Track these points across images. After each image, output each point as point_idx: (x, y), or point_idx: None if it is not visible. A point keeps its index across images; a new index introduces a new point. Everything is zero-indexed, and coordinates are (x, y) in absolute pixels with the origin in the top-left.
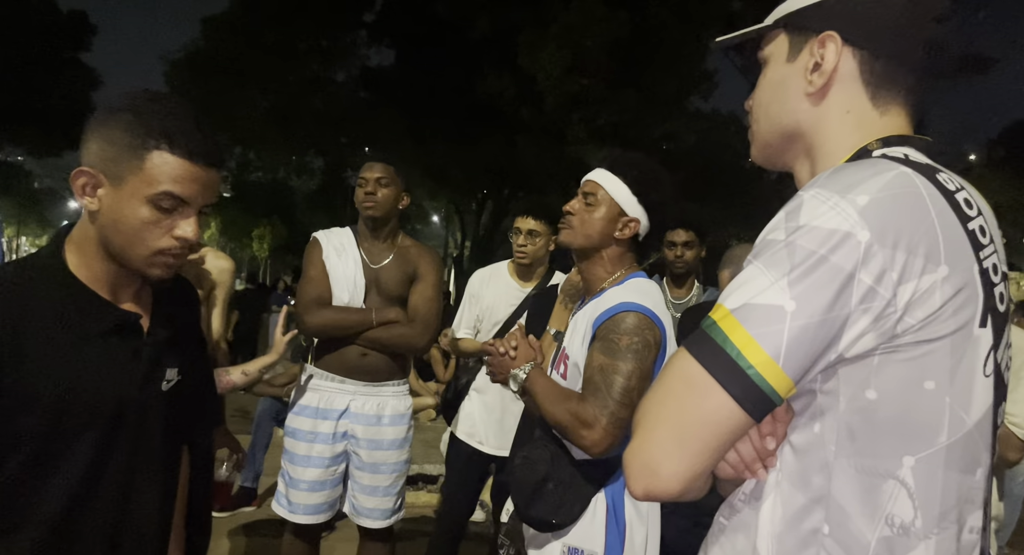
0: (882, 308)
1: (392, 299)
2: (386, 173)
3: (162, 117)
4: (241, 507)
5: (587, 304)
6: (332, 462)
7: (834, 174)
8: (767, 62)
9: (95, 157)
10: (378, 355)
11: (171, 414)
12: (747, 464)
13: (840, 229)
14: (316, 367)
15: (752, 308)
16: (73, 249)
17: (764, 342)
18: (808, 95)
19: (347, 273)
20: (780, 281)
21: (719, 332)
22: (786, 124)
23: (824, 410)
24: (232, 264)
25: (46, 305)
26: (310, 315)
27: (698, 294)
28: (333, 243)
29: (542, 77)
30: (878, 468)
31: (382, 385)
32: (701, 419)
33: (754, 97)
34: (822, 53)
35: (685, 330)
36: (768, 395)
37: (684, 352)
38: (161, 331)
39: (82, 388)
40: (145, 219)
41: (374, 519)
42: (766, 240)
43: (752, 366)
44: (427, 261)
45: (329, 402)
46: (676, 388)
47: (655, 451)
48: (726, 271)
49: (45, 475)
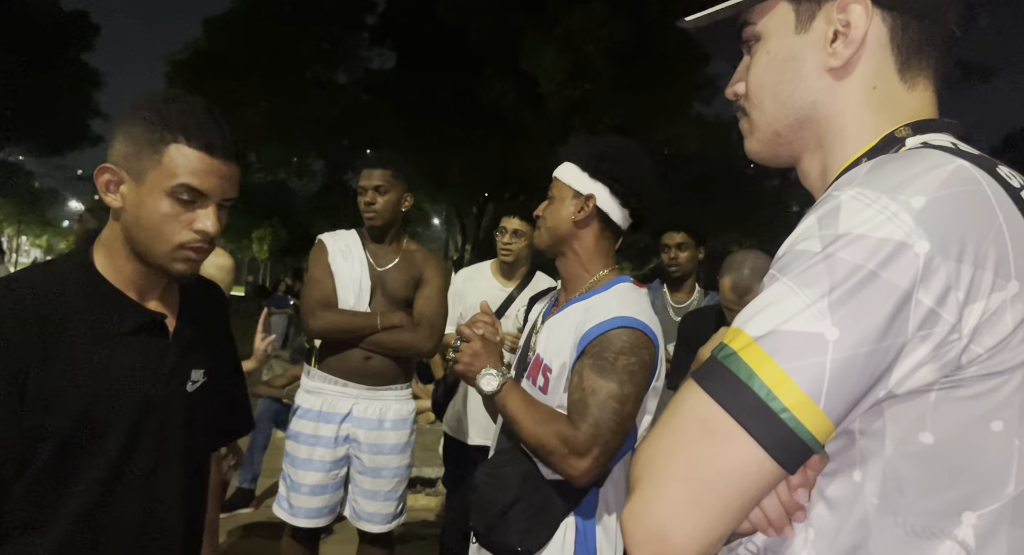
0: (945, 334)
1: (397, 302)
2: (384, 180)
3: (179, 112)
4: (239, 508)
5: (567, 308)
6: (334, 466)
7: (877, 169)
8: (764, 38)
9: (118, 154)
10: (382, 359)
11: (196, 415)
12: (772, 521)
13: (892, 238)
14: (319, 370)
15: (783, 336)
16: (101, 250)
17: (800, 378)
18: (830, 70)
19: (353, 275)
20: (818, 303)
21: (742, 365)
22: (801, 105)
23: (866, 456)
24: (232, 262)
25: (74, 305)
26: (314, 318)
27: (699, 298)
28: (339, 245)
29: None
30: (933, 527)
31: (385, 389)
32: (722, 473)
33: (750, 81)
34: (844, 19)
35: (686, 335)
36: (806, 442)
37: (697, 390)
38: (187, 332)
39: (108, 387)
40: (165, 213)
41: (375, 523)
42: (795, 251)
43: (787, 408)
44: (433, 266)
45: (332, 406)
46: (689, 434)
47: (664, 513)
48: (727, 278)
49: (71, 473)
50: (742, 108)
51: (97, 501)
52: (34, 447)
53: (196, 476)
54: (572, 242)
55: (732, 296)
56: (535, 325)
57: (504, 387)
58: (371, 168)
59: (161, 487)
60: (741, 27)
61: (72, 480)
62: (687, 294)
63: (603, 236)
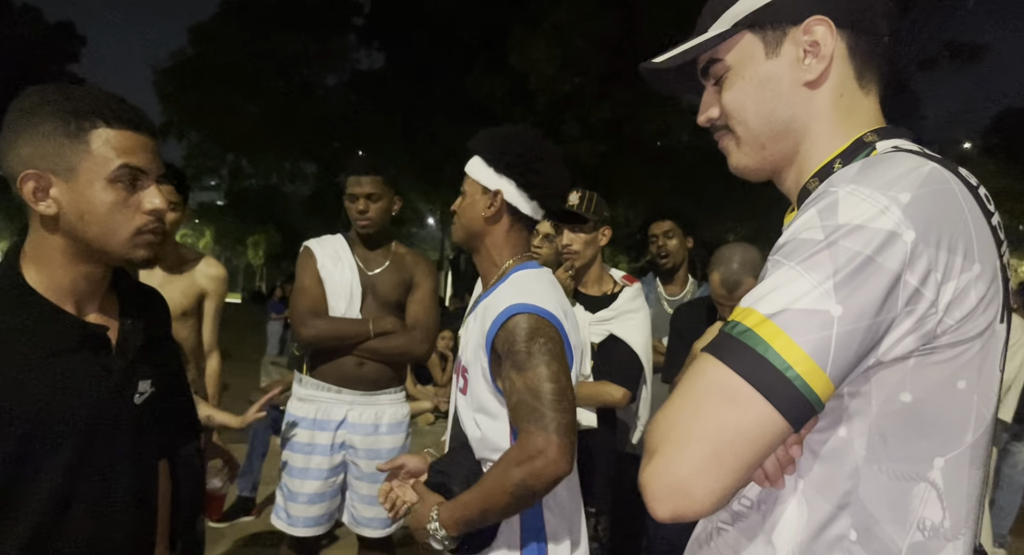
0: (925, 309)
1: (388, 306)
2: (375, 187)
3: (84, 98)
4: (240, 517)
5: (478, 305)
6: (331, 473)
7: (867, 169)
8: (735, 67)
9: (32, 158)
10: (375, 364)
11: (146, 427)
12: (768, 474)
13: (886, 228)
14: (311, 377)
15: (794, 314)
16: (30, 263)
17: (810, 349)
18: (806, 83)
19: (344, 281)
20: (824, 284)
21: (757, 339)
22: (783, 118)
23: (852, 414)
24: (224, 272)
25: (7, 325)
26: (305, 326)
27: (692, 290)
28: (327, 252)
29: (534, 76)
30: (909, 472)
31: (379, 394)
32: (742, 433)
33: (728, 104)
34: (809, 39)
35: (679, 327)
36: (812, 404)
37: (715, 362)
38: (130, 343)
39: (52, 406)
40: (111, 201)
41: (374, 528)
42: (798, 239)
43: (799, 375)
44: (423, 269)
45: (326, 413)
46: (711, 401)
47: (686, 470)
48: (716, 274)
49: (19, 495)
50: (725, 127)
51: (47, 523)
52: None
53: (147, 489)
54: (484, 238)
55: (722, 291)
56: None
57: (442, 518)
58: (361, 175)
59: (112, 504)
60: (707, 65)
61: (19, 505)
62: (680, 286)
63: (513, 229)
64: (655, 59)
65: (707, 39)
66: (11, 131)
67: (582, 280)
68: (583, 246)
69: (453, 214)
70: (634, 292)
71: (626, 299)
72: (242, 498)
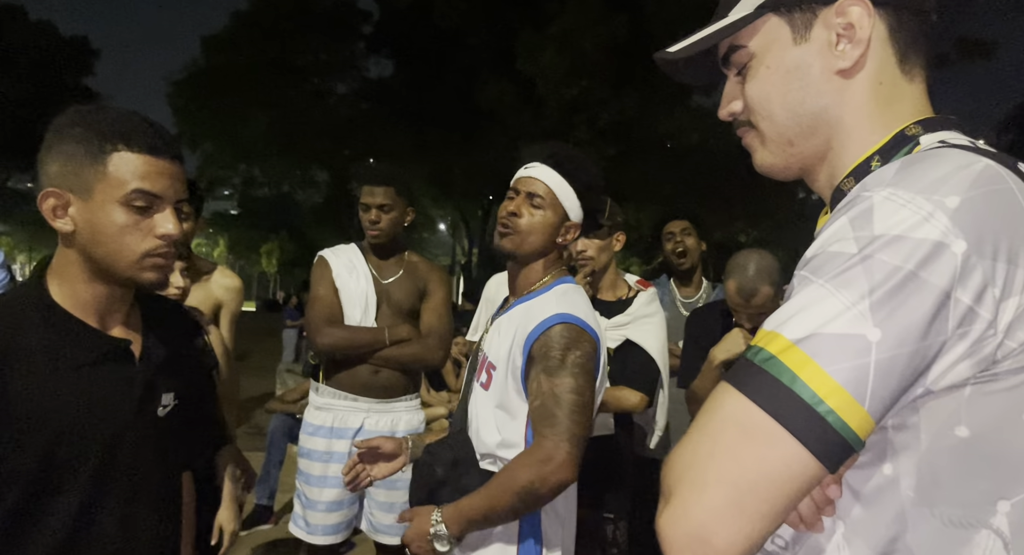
0: (982, 331)
1: (403, 314)
2: (388, 197)
3: (111, 121)
4: (258, 525)
5: (513, 308)
6: None
7: (906, 169)
8: (759, 55)
9: (56, 176)
10: (391, 371)
11: (169, 439)
12: (803, 517)
13: (930, 238)
14: (328, 386)
15: (824, 339)
16: (55, 278)
17: (844, 380)
18: (839, 71)
19: (359, 290)
20: (859, 304)
21: (783, 369)
22: (812, 110)
23: (899, 450)
24: (240, 283)
25: (32, 339)
26: (322, 335)
27: (707, 292)
28: (342, 261)
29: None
30: (968, 517)
31: (396, 401)
32: (766, 476)
33: (752, 96)
34: (843, 22)
35: (694, 332)
36: (850, 442)
37: (734, 393)
38: (154, 355)
39: (75, 421)
40: (123, 223)
41: (392, 535)
42: (828, 253)
43: (832, 410)
44: (437, 277)
45: (343, 421)
46: (730, 439)
47: (706, 517)
48: (732, 281)
49: (44, 508)
50: (747, 123)
51: (71, 536)
52: (6, 485)
53: (170, 500)
54: (543, 255)
55: (738, 299)
56: (487, 327)
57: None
58: (373, 185)
59: (136, 516)
60: (728, 52)
61: (45, 517)
62: (695, 289)
63: (562, 253)
64: (671, 48)
65: (728, 24)
66: (44, 148)
67: (597, 286)
68: (598, 252)
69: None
70: (649, 296)
71: (641, 304)
72: (260, 506)
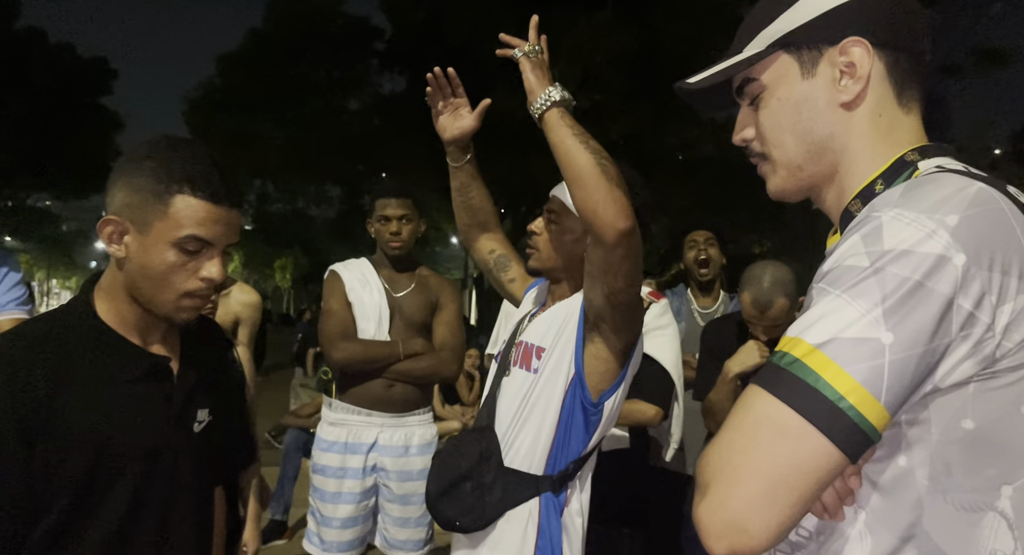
0: (982, 334)
1: (415, 327)
2: (407, 209)
3: (183, 162)
4: (272, 541)
5: (556, 305)
6: (363, 497)
7: (910, 192)
8: (771, 88)
9: (121, 205)
10: (404, 386)
11: (204, 454)
12: (827, 506)
13: (934, 252)
14: (341, 401)
15: (844, 343)
16: (102, 296)
17: (862, 378)
18: (842, 104)
19: (372, 303)
20: (873, 311)
21: (807, 370)
22: (819, 138)
23: (912, 443)
24: (258, 299)
25: (79, 354)
26: (336, 349)
27: (725, 303)
28: (354, 275)
29: None
30: (976, 501)
31: (409, 415)
32: (796, 467)
33: (764, 125)
34: (846, 60)
35: (709, 344)
36: (868, 434)
37: (764, 394)
38: (191, 373)
39: (116, 435)
40: (171, 263)
41: (407, 551)
42: (843, 266)
43: (853, 406)
44: (448, 290)
45: (357, 436)
46: (762, 435)
47: (742, 507)
48: (747, 293)
49: (83, 523)
50: (760, 155)
51: (111, 549)
52: (47, 498)
53: (205, 514)
54: (573, 269)
55: (754, 311)
56: (519, 327)
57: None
58: (393, 197)
59: (172, 530)
60: (742, 84)
61: (86, 529)
62: (713, 300)
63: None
64: (690, 79)
65: (743, 60)
66: (115, 174)
67: None
68: None
69: (530, 234)
70: (661, 308)
71: (654, 316)
72: (274, 522)
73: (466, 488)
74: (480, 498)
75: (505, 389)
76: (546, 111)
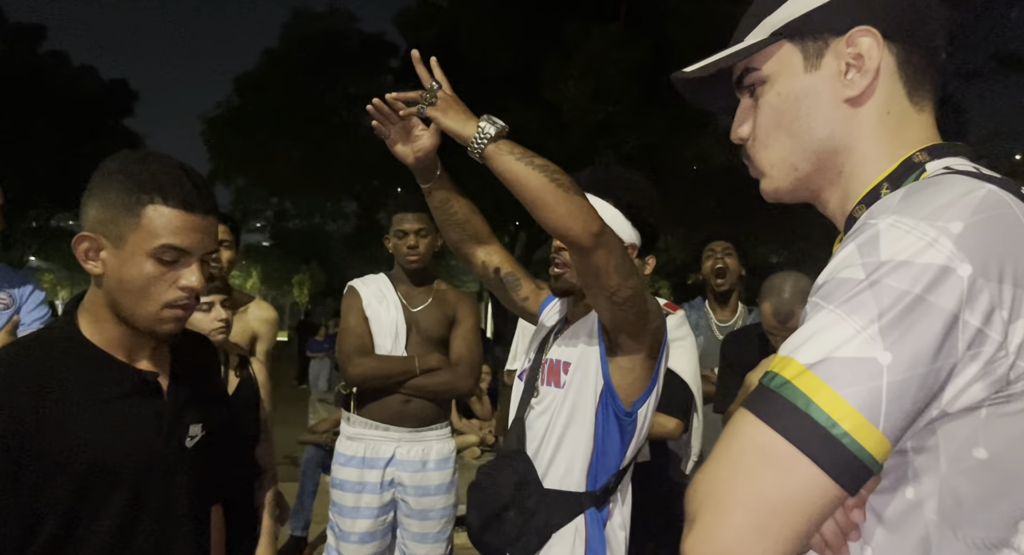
0: (993, 353)
1: (432, 342)
2: (424, 223)
3: (152, 172)
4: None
5: (579, 321)
6: (381, 512)
7: (910, 197)
8: (771, 80)
9: (94, 221)
10: (421, 401)
11: (198, 470)
12: (829, 542)
13: (935, 263)
14: (359, 416)
15: (836, 363)
16: (87, 315)
17: (858, 403)
18: (847, 100)
19: (389, 319)
20: (868, 329)
21: (798, 394)
22: (819, 138)
23: (919, 472)
24: (275, 315)
25: (65, 374)
26: (353, 365)
27: (743, 316)
28: (372, 291)
29: (567, 107)
30: (991, 538)
31: (426, 430)
32: (786, 499)
33: (761, 122)
34: (853, 52)
35: (729, 357)
36: (867, 465)
37: (752, 418)
38: (181, 388)
39: (107, 452)
40: (149, 274)
41: None
42: (837, 279)
43: (847, 433)
44: (466, 305)
45: (375, 451)
46: (749, 463)
47: (729, 541)
48: (767, 304)
49: (76, 541)
50: (750, 155)
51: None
52: (36, 521)
53: (200, 531)
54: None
55: (774, 321)
56: (544, 346)
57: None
58: (410, 211)
59: (170, 546)
60: (742, 74)
61: (79, 550)
62: (731, 313)
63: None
64: (687, 68)
65: (743, 48)
66: (87, 190)
67: None
68: None
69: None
70: (678, 320)
71: (671, 327)
72: (294, 538)
73: (509, 517)
74: (525, 525)
75: (535, 410)
76: (484, 149)
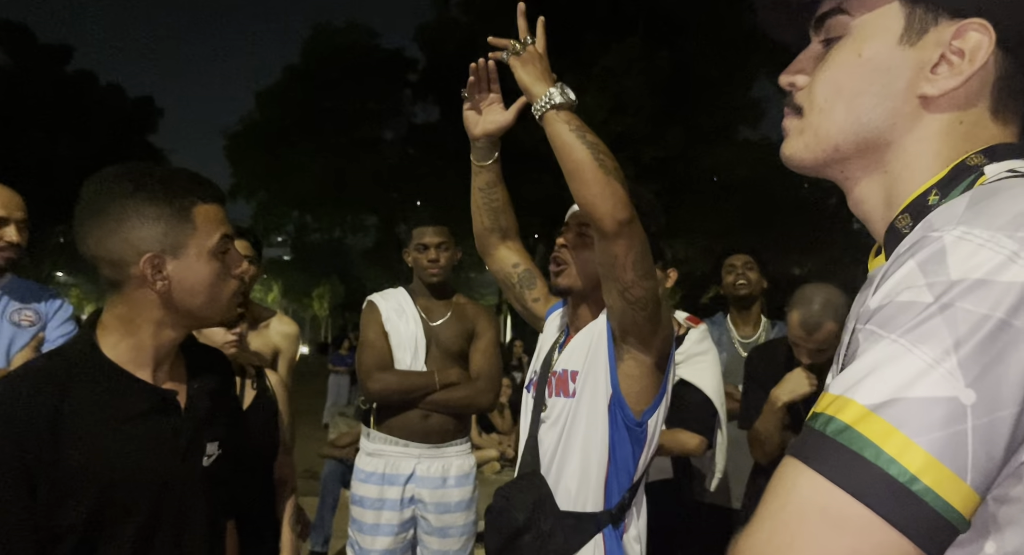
0: None
1: (451, 356)
2: (444, 236)
3: (170, 179)
4: None
5: (583, 331)
6: (401, 529)
7: (979, 203)
8: (858, 36)
9: (146, 240)
10: (441, 416)
11: (214, 489)
12: None
13: (1019, 281)
14: (379, 431)
15: (909, 404)
16: (109, 332)
17: (940, 452)
18: (921, 96)
19: (408, 333)
20: (944, 362)
21: (864, 442)
22: (877, 125)
23: (1003, 525)
24: (297, 330)
25: (83, 393)
26: (372, 380)
27: (767, 330)
28: (391, 305)
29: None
30: None
31: (447, 446)
32: None
33: (821, 79)
34: (957, 46)
35: (754, 373)
36: (953, 523)
37: (808, 472)
38: (198, 406)
39: (125, 473)
40: (216, 271)
41: None
42: (897, 303)
43: (929, 488)
44: (485, 319)
45: (395, 467)
46: (811, 527)
47: None
48: (795, 313)
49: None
50: (796, 106)
51: None
52: (52, 541)
53: (214, 548)
54: (596, 291)
55: (801, 332)
56: (550, 358)
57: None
58: (431, 226)
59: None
60: (828, 13)
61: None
62: (753, 328)
63: None
64: None
65: None
66: (107, 226)
67: None
68: None
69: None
70: (700, 334)
71: (693, 341)
72: (314, 554)
73: (526, 540)
74: (543, 548)
75: (545, 424)
76: (545, 112)
